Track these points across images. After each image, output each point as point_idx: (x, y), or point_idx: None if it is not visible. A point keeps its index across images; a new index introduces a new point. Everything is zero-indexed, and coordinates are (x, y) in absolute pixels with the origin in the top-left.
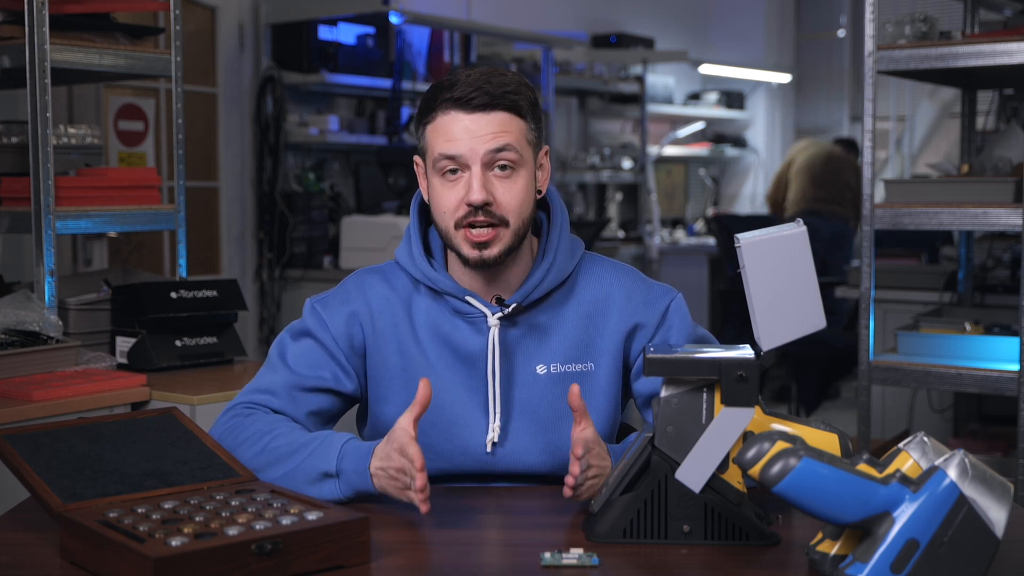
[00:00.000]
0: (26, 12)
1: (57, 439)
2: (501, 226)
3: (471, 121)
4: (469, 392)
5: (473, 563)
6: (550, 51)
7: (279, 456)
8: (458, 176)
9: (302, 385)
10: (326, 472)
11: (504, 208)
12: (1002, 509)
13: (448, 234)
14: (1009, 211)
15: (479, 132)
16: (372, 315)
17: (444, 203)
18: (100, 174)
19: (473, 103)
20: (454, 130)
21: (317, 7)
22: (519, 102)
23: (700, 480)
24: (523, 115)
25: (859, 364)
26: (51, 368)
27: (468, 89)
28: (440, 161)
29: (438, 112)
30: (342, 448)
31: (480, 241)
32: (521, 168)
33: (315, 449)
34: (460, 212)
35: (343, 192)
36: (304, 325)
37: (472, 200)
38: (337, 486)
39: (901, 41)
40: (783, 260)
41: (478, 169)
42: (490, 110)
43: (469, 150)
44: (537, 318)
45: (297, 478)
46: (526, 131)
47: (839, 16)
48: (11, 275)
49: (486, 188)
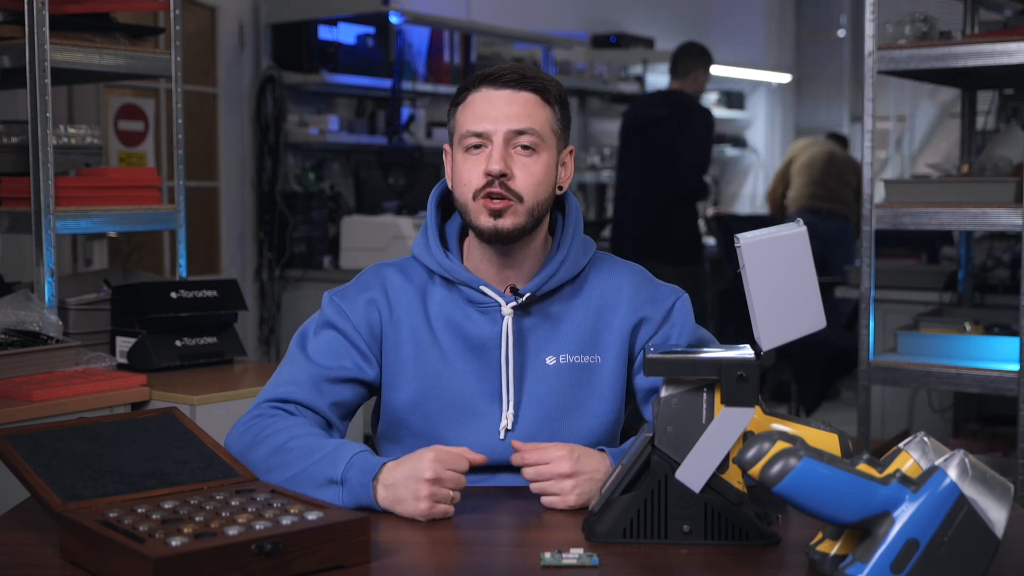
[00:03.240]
0: (26, 12)
1: (57, 439)
2: (516, 201)
3: (499, 97)
4: (480, 382)
5: (473, 563)
6: (550, 51)
7: (292, 458)
8: (481, 151)
9: (325, 376)
10: (332, 479)
11: (520, 184)
12: (1002, 509)
13: (466, 207)
14: (1009, 211)
15: (506, 109)
16: (389, 302)
17: (465, 175)
18: (100, 174)
19: (504, 79)
20: (482, 107)
21: (317, 7)
22: (548, 87)
23: (700, 480)
24: (550, 103)
25: (859, 364)
26: (51, 368)
27: (502, 70)
28: (466, 137)
29: (470, 91)
30: (352, 458)
31: (495, 209)
32: (542, 152)
33: (327, 455)
34: (479, 183)
35: (343, 192)
36: (324, 317)
37: (490, 169)
38: (340, 494)
39: (901, 41)
40: (783, 260)
41: (500, 143)
42: (519, 88)
43: (493, 127)
44: (549, 309)
45: (304, 481)
46: (551, 120)
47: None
48: (11, 275)
49: (505, 161)
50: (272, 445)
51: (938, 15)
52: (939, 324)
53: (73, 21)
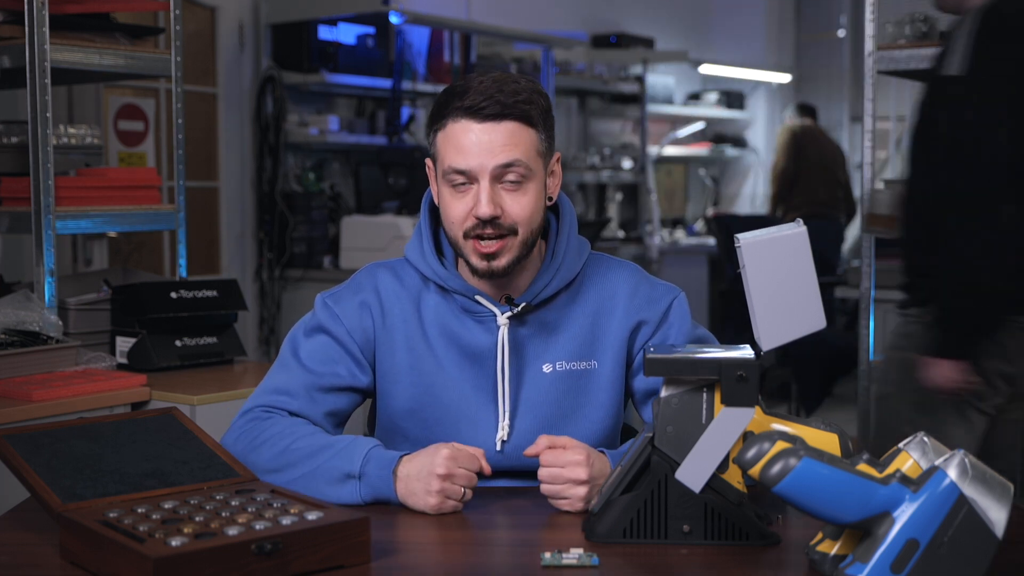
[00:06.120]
0: (26, 12)
1: (57, 439)
2: (510, 235)
3: (481, 131)
4: (476, 390)
5: (473, 563)
6: (550, 51)
7: (301, 457)
8: (467, 188)
9: (319, 384)
10: (349, 473)
11: (512, 218)
12: (1002, 509)
13: (457, 243)
14: None
15: (489, 144)
16: (383, 306)
17: (453, 214)
18: (100, 174)
19: (484, 112)
20: (464, 142)
21: (317, 7)
22: (530, 112)
23: (700, 480)
24: (534, 125)
25: (859, 364)
26: (51, 368)
27: (479, 98)
28: (450, 174)
29: (449, 119)
30: (368, 452)
31: (488, 252)
32: (530, 181)
33: (340, 450)
34: (468, 223)
35: (343, 192)
36: (316, 321)
37: (480, 214)
38: (358, 488)
39: (901, 41)
40: (783, 260)
41: (486, 183)
42: (500, 120)
43: (479, 164)
44: (545, 317)
45: (318, 478)
46: (537, 142)
47: (839, 16)
48: (11, 275)
49: (494, 201)
50: (277, 446)
51: (938, 15)
52: None
53: (73, 21)
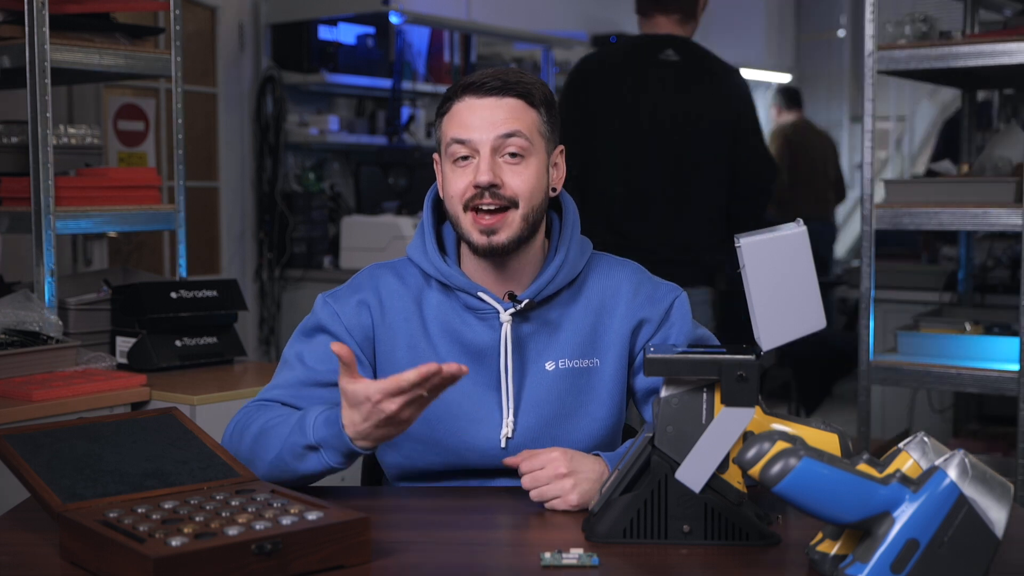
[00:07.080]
0: (26, 12)
1: (57, 439)
2: (510, 208)
3: (483, 106)
4: (478, 388)
5: (473, 563)
6: (550, 51)
7: (270, 440)
8: (468, 162)
9: (317, 380)
10: (307, 445)
11: (512, 190)
12: (1002, 509)
13: (458, 220)
14: (1009, 211)
15: (491, 117)
16: (382, 305)
17: (454, 187)
18: (100, 174)
19: (487, 87)
20: (466, 116)
21: (317, 7)
22: (532, 91)
23: (700, 480)
24: (536, 106)
25: (859, 364)
26: (51, 368)
27: (484, 77)
28: (452, 146)
29: (454, 101)
30: (315, 420)
31: (487, 226)
32: (531, 156)
33: (293, 427)
34: (468, 194)
35: (343, 192)
36: (316, 320)
37: (479, 181)
38: (322, 457)
39: (901, 41)
40: (783, 260)
41: (487, 152)
42: (503, 95)
43: (479, 135)
44: (547, 315)
45: (285, 458)
46: (538, 122)
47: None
48: (11, 275)
49: (494, 171)
50: (252, 434)
51: (938, 15)
52: (939, 324)
53: (73, 21)
